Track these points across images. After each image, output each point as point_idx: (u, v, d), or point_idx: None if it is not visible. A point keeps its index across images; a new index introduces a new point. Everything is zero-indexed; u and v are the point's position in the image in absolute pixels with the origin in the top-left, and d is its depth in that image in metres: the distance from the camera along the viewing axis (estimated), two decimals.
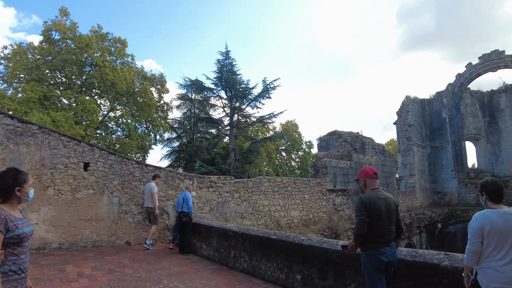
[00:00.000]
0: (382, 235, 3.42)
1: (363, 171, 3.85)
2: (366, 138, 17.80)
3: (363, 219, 3.36)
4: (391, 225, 3.51)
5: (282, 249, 5.93)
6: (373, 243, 3.40)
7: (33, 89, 15.44)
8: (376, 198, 3.50)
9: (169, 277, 6.15)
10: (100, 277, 6.01)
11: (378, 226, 3.40)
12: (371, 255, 3.39)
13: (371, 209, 3.40)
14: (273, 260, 6.10)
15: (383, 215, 3.44)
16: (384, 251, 3.37)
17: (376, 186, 3.72)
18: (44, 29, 17.05)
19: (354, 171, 16.39)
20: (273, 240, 6.15)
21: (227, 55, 22.49)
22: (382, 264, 3.35)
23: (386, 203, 3.53)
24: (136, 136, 21.23)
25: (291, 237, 5.96)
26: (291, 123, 32.58)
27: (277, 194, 12.74)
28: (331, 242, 5.20)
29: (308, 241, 5.46)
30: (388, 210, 3.50)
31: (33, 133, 7.78)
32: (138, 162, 9.33)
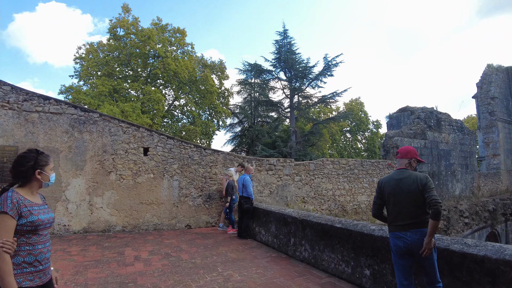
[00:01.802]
0: (396, 218, 3.15)
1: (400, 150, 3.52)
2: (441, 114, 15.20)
3: (374, 201, 3.39)
4: (409, 207, 3.08)
5: (348, 240, 5.00)
6: (390, 225, 3.27)
7: (103, 84, 16.48)
8: (392, 179, 3.26)
9: (224, 264, 5.68)
10: (155, 261, 5.80)
11: (391, 209, 3.22)
12: (391, 237, 3.25)
13: (383, 191, 3.29)
14: (337, 251, 5.21)
15: (396, 197, 3.17)
16: (401, 235, 3.07)
17: (401, 166, 3.35)
18: (110, 27, 18.05)
19: (429, 151, 14.21)
20: (337, 229, 5.24)
21: (285, 35, 21.32)
22: (399, 249, 3.09)
23: (402, 184, 3.16)
24: (200, 122, 21.58)
25: (359, 226, 4.97)
26: (355, 102, 29.95)
27: (342, 177, 11.56)
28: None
29: (380, 232, 4.44)
30: (403, 191, 3.12)
31: (94, 121, 7.93)
32: (197, 146, 9.06)
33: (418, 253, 2.96)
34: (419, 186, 3.05)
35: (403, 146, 3.89)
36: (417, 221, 3.03)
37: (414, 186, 3.08)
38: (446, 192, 14.78)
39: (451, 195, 14.94)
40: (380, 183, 3.37)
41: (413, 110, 14.75)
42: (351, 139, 28.99)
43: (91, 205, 7.72)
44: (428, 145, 14.16)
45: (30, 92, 7.44)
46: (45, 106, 7.52)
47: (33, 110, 7.42)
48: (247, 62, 21.66)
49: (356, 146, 29.01)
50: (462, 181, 15.79)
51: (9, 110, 7.23)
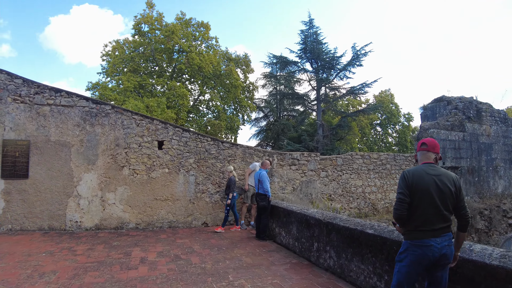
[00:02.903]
0: (429, 221, 2.56)
1: (418, 143, 2.96)
2: (482, 103, 13.32)
3: (401, 199, 2.60)
4: (443, 209, 2.59)
5: (382, 249, 4.05)
6: (416, 231, 2.58)
7: (129, 79, 16.31)
8: (424, 173, 2.65)
9: (237, 271, 4.92)
10: (162, 265, 5.17)
11: (423, 209, 2.57)
12: (412, 246, 2.58)
13: (414, 186, 2.61)
14: (368, 261, 4.27)
15: (432, 195, 2.58)
16: (432, 242, 2.53)
17: (429, 160, 2.80)
18: (134, 23, 17.87)
19: (468, 145, 12.54)
20: (369, 235, 4.29)
21: (311, 24, 20.03)
22: (425, 260, 2.54)
23: (439, 181, 2.62)
24: (225, 117, 21.00)
25: (395, 233, 3.98)
26: (385, 94, 27.81)
27: (372, 172, 10.37)
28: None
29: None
30: (441, 190, 2.59)
31: (106, 113, 7.45)
32: (214, 139, 8.36)
33: (444, 262, 2.59)
34: (456, 187, 2.66)
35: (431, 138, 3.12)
36: (447, 226, 2.62)
37: (452, 186, 2.63)
38: (487, 189, 13.04)
39: (493, 193, 13.17)
40: (409, 176, 2.64)
41: (449, 100, 13.06)
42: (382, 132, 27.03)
43: (103, 201, 7.27)
44: (467, 138, 12.48)
45: (41, 85, 7.08)
46: (57, 98, 7.14)
47: (45, 103, 7.05)
48: (272, 54, 20.56)
49: (387, 140, 26.99)
50: (506, 178, 13.88)
51: (21, 103, 6.91)
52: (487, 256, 2.85)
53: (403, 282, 2.62)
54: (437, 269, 2.63)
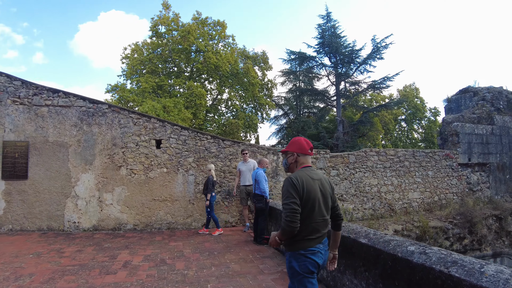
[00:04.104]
0: (317, 229, 2.36)
1: (296, 143, 2.57)
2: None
3: (295, 209, 2.23)
4: (327, 215, 2.46)
5: (376, 263, 3.33)
6: (304, 240, 2.32)
7: (147, 81, 16.33)
8: (310, 179, 2.38)
9: (219, 279, 4.40)
10: (143, 270, 4.77)
11: (313, 218, 2.34)
12: (301, 256, 2.32)
13: (306, 194, 2.30)
14: (361, 276, 3.57)
15: (320, 202, 2.38)
16: (318, 249, 2.36)
17: (309, 163, 2.55)
18: (151, 25, 17.90)
19: (498, 139, 11.05)
20: (362, 246, 3.58)
21: (328, 18, 19.00)
22: (315, 267, 2.36)
23: (322, 186, 2.44)
24: (243, 116, 20.54)
25: (391, 244, 3.25)
26: (410, 88, 25.74)
27: (389, 170, 9.38)
28: (469, 264, 2.41)
29: (421, 257, 2.77)
30: (324, 196, 2.44)
31: (103, 113, 7.22)
32: (214, 137, 7.88)
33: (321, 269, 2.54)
34: (332, 189, 2.59)
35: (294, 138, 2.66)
36: (327, 231, 2.53)
37: (330, 189, 2.55)
38: None
39: None
40: (298, 183, 2.32)
41: (476, 91, 11.59)
42: (407, 128, 25.10)
43: (101, 202, 7.04)
44: (497, 132, 10.99)
45: (39, 86, 6.98)
46: (54, 99, 7.01)
47: (43, 104, 6.95)
48: (289, 50, 19.75)
49: (413, 136, 25.03)
50: None
51: (20, 105, 6.84)
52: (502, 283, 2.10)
53: None
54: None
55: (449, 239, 9.24)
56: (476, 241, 9.71)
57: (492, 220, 9.97)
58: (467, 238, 9.50)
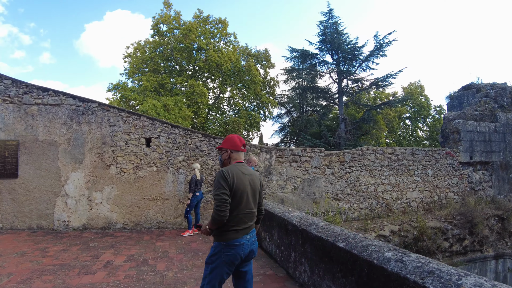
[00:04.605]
0: (244, 220, 2.55)
1: (230, 140, 2.77)
2: None
3: (225, 199, 2.41)
4: (254, 208, 2.68)
5: (353, 269, 3.12)
6: (231, 231, 2.48)
7: (148, 79, 16.24)
8: (241, 173, 2.58)
9: (197, 281, 4.27)
10: (123, 271, 4.67)
11: (241, 209, 2.52)
12: (226, 247, 2.47)
13: (235, 187, 2.49)
14: (338, 282, 3.37)
15: (248, 196, 2.58)
16: (244, 241, 2.52)
17: (241, 159, 2.76)
18: (153, 23, 17.79)
19: (501, 137, 10.60)
20: (340, 250, 3.37)
21: (331, 15, 18.59)
22: (237, 260, 2.51)
23: (252, 181, 2.65)
24: (245, 114, 20.32)
25: (368, 250, 3.03)
26: (414, 86, 25.02)
27: (386, 169, 9.07)
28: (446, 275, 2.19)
29: (397, 265, 2.57)
30: (254, 190, 2.66)
31: (93, 111, 7.11)
32: (205, 135, 7.72)
33: (251, 257, 2.66)
34: (261, 186, 2.82)
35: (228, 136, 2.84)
36: (254, 222, 2.72)
37: (259, 185, 2.77)
38: None
39: None
40: (229, 176, 2.48)
41: (479, 88, 11.12)
42: (411, 126, 24.47)
43: (90, 201, 6.95)
44: (500, 129, 10.53)
45: (29, 85, 6.91)
46: (44, 98, 6.93)
47: (33, 103, 6.88)
48: (291, 47, 19.42)
49: (417, 134, 24.39)
50: None
51: (10, 104, 6.79)
52: None
53: (215, 284, 2.51)
54: (244, 264, 2.63)
55: (449, 240, 8.90)
56: (477, 242, 9.34)
57: (494, 220, 9.57)
58: (468, 239, 9.14)
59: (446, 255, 9.08)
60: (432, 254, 8.64)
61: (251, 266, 2.72)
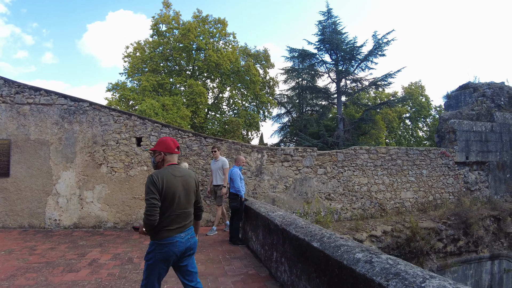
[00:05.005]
0: (175, 221, 2.63)
1: (163, 142, 2.78)
2: None
3: (154, 204, 2.48)
4: (188, 207, 2.77)
5: (325, 269, 3.10)
6: (163, 230, 2.57)
7: (148, 79, 16.31)
8: (172, 176, 2.64)
9: (177, 281, 4.22)
10: (107, 269, 4.70)
11: (172, 210, 2.60)
12: (160, 245, 2.57)
13: (165, 190, 2.56)
14: (313, 283, 3.36)
15: (180, 197, 2.65)
16: (177, 239, 2.62)
17: (175, 161, 2.80)
18: (152, 23, 17.84)
19: (498, 137, 10.46)
20: (314, 250, 3.35)
21: (329, 14, 18.53)
22: (172, 256, 2.62)
23: (185, 182, 2.72)
24: (244, 114, 20.31)
25: (340, 250, 3.00)
26: (415, 85, 24.81)
27: (380, 169, 8.99)
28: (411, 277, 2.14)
29: (366, 267, 2.54)
30: (187, 191, 2.73)
31: (84, 110, 7.15)
32: (196, 134, 7.71)
33: (189, 253, 2.76)
34: (196, 184, 2.89)
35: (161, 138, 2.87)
36: (190, 221, 2.81)
37: (194, 185, 2.84)
38: None
39: None
40: (158, 180, 2.55)
41: (476, 87, 10.98)
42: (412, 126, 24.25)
43: (81, 200, 6.99)
44: (497, 129, 10.39)
45: (21, 84, 6.96)
46: (36, 97, 6.98)
47: (25, 102, 6.93)
48: (290, 47, 19.36)
49: (417, 134, 24.16)
50: None
51: (2, 103, 6.84)
52: None
53: (153, 281, 2.61)
54: (183, 260, 2.73)
55: (442, 241, 8.80)
56: (472, 243, 9.23)
57: (489, 221, 9.45)
58: (462, 240, 9.03)
59: (440, 256, 8.98)
60: (425, 255, 8.55)
61: (192, 261, 2.81)
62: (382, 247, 8.16)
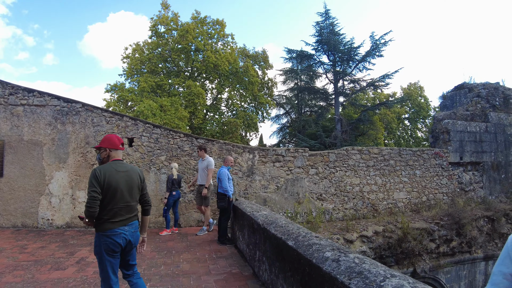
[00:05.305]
0: (119, 214, 2.76)
1: (109, 139, 2.91)
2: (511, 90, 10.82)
3: (95, 197, 2.64)
4: (131, 201, 2.87)
5: (298, 268, 3.16)
6: (107, 222, 2.72)
7: (146, 80, 16.42)
8: (114, 171, 2.78)
9: (162, 279, 4.37)
10: (93, 267, 4.81)
11: (115, 203, 2.74)
12: (103, 237, 2.72)
13: (106, 184, 2.71)
14: (288, 281, 3.41)
15: (122, 191, 2.78)
16: (120, 231, 2.75)
17: (119, 157, 2.94)
18: (151, 25, 17.96)
19: (492, 137, 10.43)
20: (289, 249, 3.40)
21: (327, 15, 18.54)
22: (117, 247, 2.75)
23: (128, 177, 2.85)
24: (243, 114, 20.37)
25: (312, 249, 3.05)
26: (414, 86, 24.77)
27: (372, 169, 9.01)
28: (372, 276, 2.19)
29: (332, 266, 2.58)
30: (130, 185, 2.85)
31: (77, 111, 7.25)
32: (187, 135, 7.79)
33: (131, 247, 2.89)
34: (141, 180, 3.00)
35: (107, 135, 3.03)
36: (134, 215, 2.92)
37: (138, 180, 2.95)
38: None
39: None
40: (100, 175, 2.70)
41: (471, 87, 10.96)
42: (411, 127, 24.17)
43: (74, 199, 7.08)
44: (491, 129, 10.36)
45: (15, 86, 7.08)
46: (29, 98, 7.09)
47: (18, 104, 7.04)
48: (288, 48, 19.40)
49: (416, 135, 24.07)
50: None
51: None
52: None
53: (108, 273, 2.74)
54: (126, 253, 2.87)
55: (435, 241, 8.79)
56: (465, 243, 9.21)
57: (483, 221, 9.42)
58: (455, 240, 9.02)
59: (432, 257, 8.97)
60: (418, 255, 8.55)
61: (133, 254, 2.98)
62: (373, 247, 8.18)
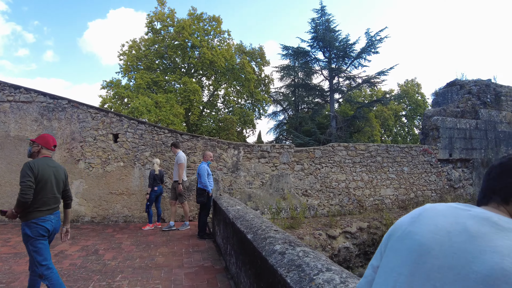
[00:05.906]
0: (47, 203, 3.12)
1: (44, 138, 3.29)
2: (502, 87, 10.74)
3: (29, 185, 2.95)
4: (57, 193, 3.25)
5: (254, 261, 3.26)
6: (36, 211, 3.03)
7: (142, 77, 16.52)
8: (46, 165, 3.15)
9: (134, 271, 4.48)
10: (70, 259, 5.03)
11: (44, 194, 3.09)
12: (33, 224, 3.01)
13: (39, 176, 3.05)
14: (247, 274, 3.51)
15: (52, 183, 3.16)
16: (47, 219, 3.10)
17: (48, 155, 3.29)
18: (147, 21, 18.03)
19: (483, 134, 10.39)
20: (248, 242, 3.49)
21: (323, 12, 18.48)
22: (45, 232, 3.07)
23: (56, 172, 3.25)
24: (239, 111, 20.42)
25: (265, 242, 3.15)
26: (411, 83, 24.72)
27: (359, 166, 9.05)
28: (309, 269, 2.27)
29: (277, 258, 2.69)
30: (57, 179, 3.24)
31: (63, 108, 7.36)
32: (172, 131, 7.88)
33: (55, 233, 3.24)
34: (65, 176, 3.39)
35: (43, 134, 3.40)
36: (57, 205, 3.25)
37: (63, 176, 3.33)
38: None
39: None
40: (35, 167, 3.03)
41: (462, 84, 10.92)
42: (408, 124, 24.08)
43: None
44: (482, 126, 10.32)
45: (2, 82, 7.21)
46: (16, 95, 7.21)
47: (5, 100, 7.17)
48: (283, 44, 19.36)
49: (413, 132, 24.00)
50: None
51: None
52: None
53: (43, 253, 3.02)
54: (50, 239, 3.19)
55: None
56: None
57: None
58: None
59: None
60: None
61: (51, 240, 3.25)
62: (357, 243, 8.24)
